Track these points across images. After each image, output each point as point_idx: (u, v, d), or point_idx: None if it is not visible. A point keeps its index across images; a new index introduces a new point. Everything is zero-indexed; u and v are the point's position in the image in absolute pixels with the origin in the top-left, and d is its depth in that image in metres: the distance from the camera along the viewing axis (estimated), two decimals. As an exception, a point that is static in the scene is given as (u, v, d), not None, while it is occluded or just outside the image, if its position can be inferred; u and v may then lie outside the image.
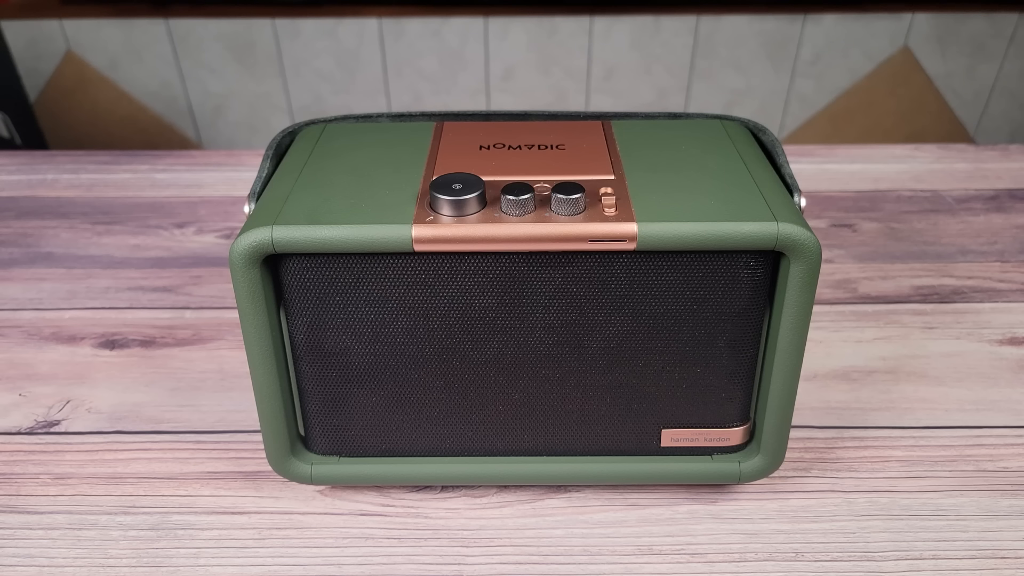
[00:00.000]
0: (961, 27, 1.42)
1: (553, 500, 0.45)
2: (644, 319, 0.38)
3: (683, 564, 0.41)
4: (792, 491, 0.45)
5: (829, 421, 0.50)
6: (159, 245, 0.70)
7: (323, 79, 1.48)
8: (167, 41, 1.44)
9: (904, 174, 0.80)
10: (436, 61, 1.46)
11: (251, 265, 0.35)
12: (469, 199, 0.35)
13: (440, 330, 0.38)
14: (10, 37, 1.44)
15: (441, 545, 0.42)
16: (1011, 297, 0.62)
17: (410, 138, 0.44)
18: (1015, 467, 0.46)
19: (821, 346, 0.57)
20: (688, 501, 0.45)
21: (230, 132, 1.56)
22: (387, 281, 0.37)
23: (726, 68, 1.47)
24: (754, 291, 0.37)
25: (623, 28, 1.42)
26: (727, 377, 0.40)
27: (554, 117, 0.47)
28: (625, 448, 0.43)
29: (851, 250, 0.68)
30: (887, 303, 0.61)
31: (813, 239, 0.35)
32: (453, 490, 0.46)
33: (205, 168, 0.83)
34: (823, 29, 1.42)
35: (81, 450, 0.48)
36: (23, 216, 0.74)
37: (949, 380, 0.53)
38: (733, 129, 0.45)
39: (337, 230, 0.35)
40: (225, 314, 0.60)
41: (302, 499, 0.45)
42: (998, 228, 0.71)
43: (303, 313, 0.38)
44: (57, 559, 0.42)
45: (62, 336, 0.58)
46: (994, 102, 1.52)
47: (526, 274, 0.37)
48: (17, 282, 0.65)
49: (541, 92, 1.50)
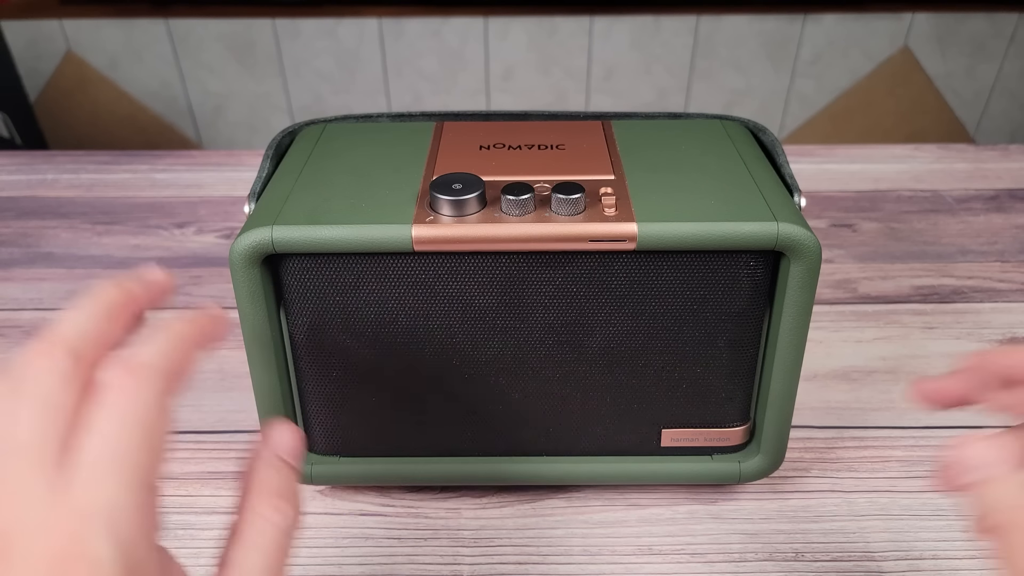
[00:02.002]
0: (961, 27, 1.42)
1: (553, 500, 0.45)
2: (644, 319, 0.38)
3: (683, 564, 0.41)
4: (792, 491, 0.45)
5: (829, 421, 0.50)
6: (159, 245, 0.70)
7: (323, 79, 1.48)
8: (167, 41, 1.44)
9: (904, 174, 0.80)
10: (436, 61, 1.46)
11: (251, 265, 0.35)
12: (469, 199, 0.35)
13: (440, 330, 0.38)
14: (10, 37, 1.44)
15: (441, 545, 0.42)
16: (1011, 297, 0.62)
17: (410, 138, 0.44)
18: (1015, 467, 0.46)
19: (821, 346, 0.57)
20: (688, 501, 0.45)
21: (230, 132, 1.56)
22: (387, 281, 0.37)
23: (726, 68, 1.47)
24: (754, 291, 0.37)
25: (623, 28, 1.42)
26: (727, 377, 0.40)
27: (554, 117, 0.47)
28: (625, 448, 0.43)
29: (851, 250, 0.68)
30: (887, 303, 0.61)
31: (813, 239, 0.35)
32: (453, 490, 0.46)
33: (205, 168, 0.83)
34: (823, 29, 1.42)
35: (81, 450, 0.48)
36: (23, 216, 0.74)
37: (949, 380, 0.53)
38: (733, 129, 0.45)
39: (337, 230, 0.35)
40: (225, 314, 0.60)
41: (302, 499, 0.45)
42: (998, 228, 0.71)
43: (303, 313, 0.38)
44: (57, 559, 0.41)
45: (62, 336, 0.58)
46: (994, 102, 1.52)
47: (526, 274, 0.37)
48: (17, 282, 0.65)
49: (541, 92, 1.50)
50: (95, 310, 0.26)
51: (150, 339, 0.26)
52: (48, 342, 0.24)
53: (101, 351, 0.25)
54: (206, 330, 0.28)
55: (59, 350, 0.24)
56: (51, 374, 0.23)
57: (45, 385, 0.23)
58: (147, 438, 0.23)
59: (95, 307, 0.26)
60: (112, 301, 0.26)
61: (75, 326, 0.25)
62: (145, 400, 0.23)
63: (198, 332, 0.27)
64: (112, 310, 0.26)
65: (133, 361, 0.24)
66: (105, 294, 0.27)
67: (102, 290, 0.27)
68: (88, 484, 0.22)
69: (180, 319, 0.27)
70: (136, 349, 0.25)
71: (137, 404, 0.23)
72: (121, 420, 0.23)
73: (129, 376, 0.24)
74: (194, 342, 0.27)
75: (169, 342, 0.26)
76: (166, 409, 0.24)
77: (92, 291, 0.27)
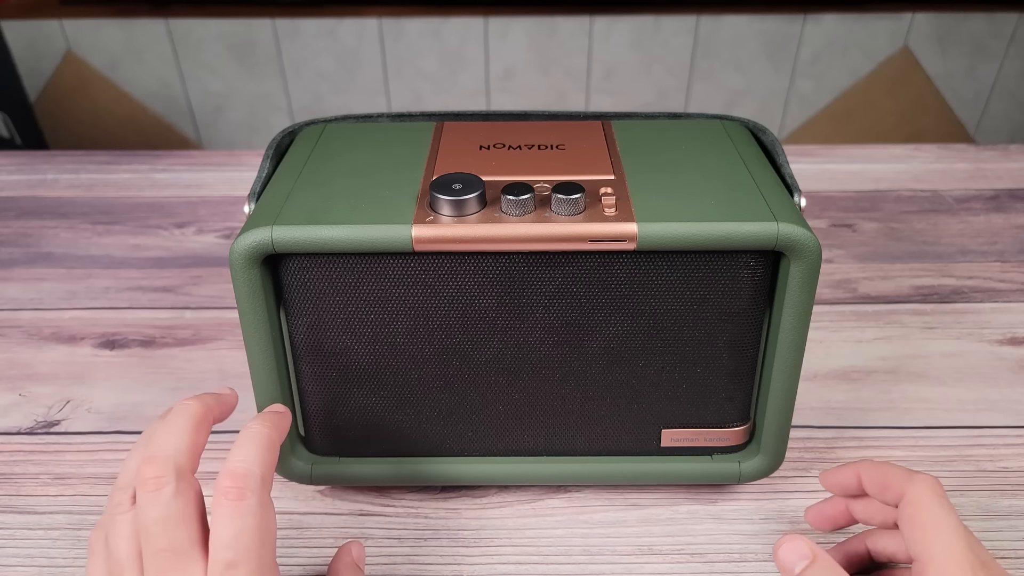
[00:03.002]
0: (961, 27, 1.42)
1: (553, 500, 0.45)
2: (644, 319, 0.38)
3: (683, 564, 0.41)
4: (792, 491, 0.45)
5: (829, 421, 0.50)
6: (159, 245, 0.70)
7: (323, 79, 1.48)
8: (167, 41, 1.44)
9: (904, 174, 0.80)
10: (436, 61, 1.46)
11: (251, 265, 0.35)
12: (469, 199, 0.35)
13: (440, 330, 0.38)
14: (10, 37, 1.44)
15: (441, 545, 0.42)
16: (1011, 297, 0.62)
17: (410, 138, 0.44)
18: (1015, 467, 0.46)
19: (821, 346, 0.57)
20: (688, 501, 0.45)
21: (230, 132, 1.56)
22: (387, 281, 0.37)
23: (726, 68, 1.47)
24: (754, 291, 0.37)
25: (623, 28, 1.42)
26: (727, 377, 0.40)
27: (554, 117, 0.47)
28: (625, 448, 0.43)
29: (851, 250, 0.68)
30: (887, 303, 0.61)
31: (813, 239, 0.35)
32: (453, 490, 0.45)
33: (205, 168, 0.83)
34: (823, 29, 1.42)
35: (81, 450, 0.48)
36: (23, 216, 0.74)
37: (949, 380, 0.53)
38: (733, 129, 0.45)
39: (337, 230, 0.35)
40: (225, 314, 0.60)
41: (302, 499, 0.45)
42: (998, 228, 0.71)
43: (303, 313, 0.38)
44: (57, 559, 0.42)
45: (62, 336, 0.58)
46: (994, 102, 1.52)
47: (526, 274, 0.37)
48: (17, 282, 0.65)
49: (541, 92, 1.50)
50: (186, 425, 0.32)
51: (243, 446, 0.31)
52: (156, 461, 0.30)
53: (195, 461, 0.31)
54: (280, 425, 0.34)
55: (168, 468, 0.30)
56: (166, 489, 0.30)
57: (164, 499, 0.30)
58: (262, 531, 0.30)
59: (186, 423, 0.32)
60: (197, 416, 0.33)
61: (172, 441, 0.31)
62: (253, 504, 0.30)
63: (276, 430, 0.33)
64: (198, 424, 0.32)
65: (238, 472, 0.30)
66: (191, 410, 0.33)
67: (189, 407, 0.33)
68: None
69: (260, 422, 0.33)
70: (237, 458, 0.31)
71: (249, 506, 0.29)
72: (242, 524, 0.29)
73: (236, 485, 0.30)
74: (276, 441, 0.33)
75: (258, 447, 0.31)
76: (270, 504, 0.30)
77: (181, 408, 0.33)
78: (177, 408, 0.33)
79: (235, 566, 0.29)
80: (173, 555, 0.29)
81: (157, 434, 0.32)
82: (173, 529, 0.29)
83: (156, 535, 0.29)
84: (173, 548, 0.29)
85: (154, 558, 0.29)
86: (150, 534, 0.30)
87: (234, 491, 0.29)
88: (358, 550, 0.38)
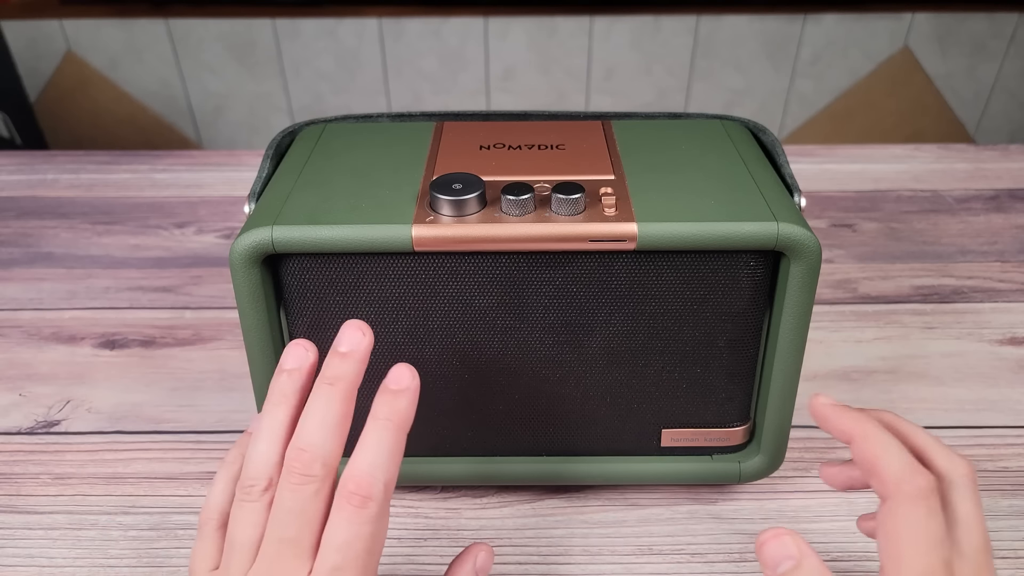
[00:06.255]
0: (961, 27, 1.42)
1: (553, 500, 0.45)
2: (644, 319, 0.38)
3: (683, 564, 0.41)
4: (792, 491, 0.45)
5: (829, 421, 0.50)
6: (159, 245, 0.70)
7: (323, 79, 1.48)
8: (167, 41, 1.44)
9: (904, 174, 0.80)
10: (436, 61, 1.46)
11: (251, 265, 0.35)
12: (469, 199, 0.35)
13: (440, 330, 0.38)
14: (10, 37, 1.44)
15: (441, 545, 0.42)
16: (1011, 297, 0.62)
17: (410, 138, 0.44)
18: (1015, 467, 0.46)
19: (821, 346, 0.57)
20: (688, 501, 0.45)
21: (230, 132, 1.56)
22: (387, 281, 0.37)
23: (726, 68, 1.47)
24: (754, 291, 0.37)
25: (623, 28, 1.42)
26: (727, 377, 0.40)
27: (554, 117, 0.47)
28: (625, 448, 0.43)
29: (851, 250, 0.68)
30: (887, 303, 0.61)
31: (813, 239, 0.35)
32: (453, 490, 0.45)
33: (205, 168, 0.83)
34: (823, 29, 1.42)
35: (81, 450, 0.48)
36: (23, 216, 0.74)
37: (949, 380, 0.53)
38: (733, 129, 0.45)
39: (337, 230, 0.35)
40: (225, 314, 0.60)
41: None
42: (998, 228, 0.71)
43: (303, 313, 0.38)
44: (57, 559, 0.42)
45: (62, 336, 0.58)
46: (994, 102, 1.52)
47: (526, 274, 0.37)
48: (17, 282, 0.65)
49: (541, 92, 1.50)
50: (336, 421, 0.31)
51: (370, 448, 0.30)
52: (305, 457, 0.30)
53: (338, 460, 0.31)
54: (408, 415, 0.32)
55: (316, 468, 0.30)
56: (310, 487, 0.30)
57: (305, 495, 0.30)
58: (374, 540, 0.30)
59: (335, 418, 0.31)
60: (343, 413, 0.31)
61: (322, 436, 0.30)
62: (373, 512, 0.29)
63: (405, 424, 0.31)
64: (342, 424, 0.31)
65: (363, 479, 0.29)
66: (338, 406, 0.31)
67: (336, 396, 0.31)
68: None
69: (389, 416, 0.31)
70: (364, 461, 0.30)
71: (369, 514, 0.29)
72: (357, 531, 0.29)
73: (361, 494, 0.29)
74: (403, 441, 0.31)
75: (385, 449, 0.30)
76: (388, 512, 0.30)
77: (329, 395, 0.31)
78: (326, 393, 0.31)
79: (340, 570, 0.29)
80: (293, 547, 0.29)
81: (309, 421, 0.30)
82: (303, 524, 0.30)
83: (286, 523, 0.30)
84: (296, 540, 0.29)
85: (275, 544, 0.30)
86: (280, 521, 0.30)
87: (358, 499, 0.29)
88: (484, 558, 0.35)
